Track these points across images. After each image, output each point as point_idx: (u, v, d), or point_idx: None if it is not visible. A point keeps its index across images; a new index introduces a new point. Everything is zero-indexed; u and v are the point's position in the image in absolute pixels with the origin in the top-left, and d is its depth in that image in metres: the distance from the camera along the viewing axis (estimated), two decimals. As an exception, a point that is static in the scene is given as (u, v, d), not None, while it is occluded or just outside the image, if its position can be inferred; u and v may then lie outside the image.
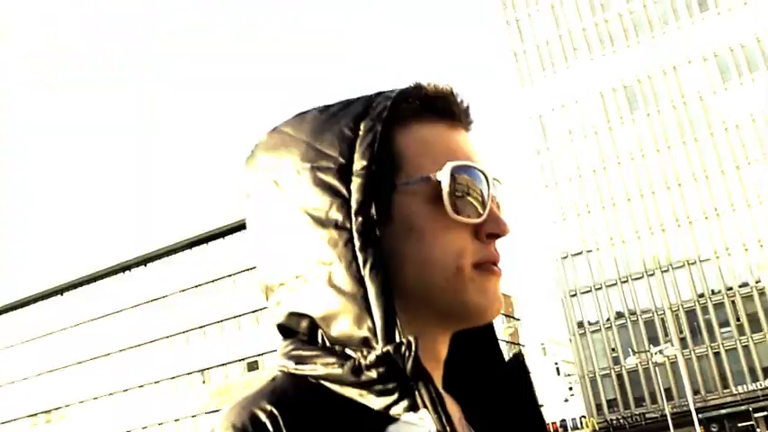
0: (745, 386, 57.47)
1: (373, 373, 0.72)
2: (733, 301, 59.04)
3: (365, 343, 0.74)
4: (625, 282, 62.12)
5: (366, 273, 0.74)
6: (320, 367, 0.75)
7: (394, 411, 0.73)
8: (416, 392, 0.72)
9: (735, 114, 60.82)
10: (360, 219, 0.75)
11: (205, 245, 62.48)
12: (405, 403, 0.72)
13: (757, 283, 58.37)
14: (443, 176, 0.78)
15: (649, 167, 62.44)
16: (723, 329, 59.01)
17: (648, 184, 62.21)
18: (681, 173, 61.46)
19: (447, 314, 0.80)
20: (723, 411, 57.35)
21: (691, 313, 60.11)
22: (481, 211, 0.80)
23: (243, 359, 58.24)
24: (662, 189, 61.72)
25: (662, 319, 59.91)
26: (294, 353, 0.78)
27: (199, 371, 61.09)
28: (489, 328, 0.94)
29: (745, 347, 58.29)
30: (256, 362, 57.23)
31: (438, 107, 0.83)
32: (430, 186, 0.78)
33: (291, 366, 0.77)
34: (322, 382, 0.75)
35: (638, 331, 60.88)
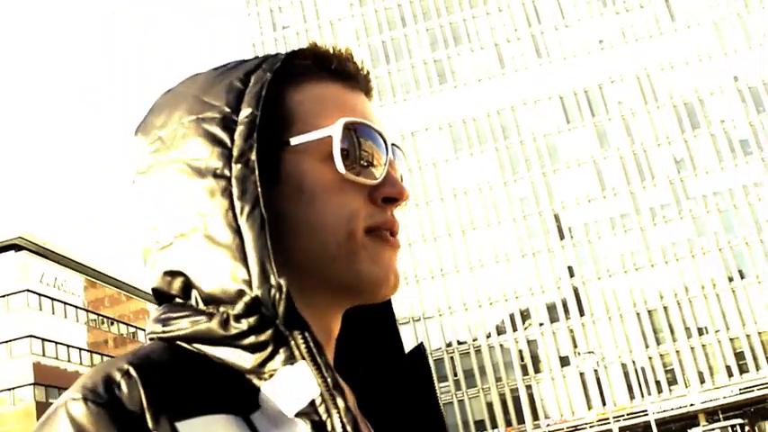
0: (458, 439, 60.86)
1: (243, 325, 0.65)
2: (452, 357, 62.60)
3: (239, 295, 0.66)
4: (353, 336, 63.87)
5: (243, 221, 0.67)
6: (187, 324, 0.68)
7: (269, 367, 0.66)
8: (291, 342, 0.65)
9: (464, 182, 65.29)
10: (239, 166, 0.69)
11: None
12: (281, 356, 0.65)
13: (474, 341, 62.38)
14: (335, 131, 0.73)
15: (384, 227, 65.07)
16: (442, 384, 62.25)
17: (382, 242, 64.70)
18: (412, 234, 64.73)
19: (339, 286, 0.73)
20: (436, 463, 60.23)
21: (413, 368, 62.85)
22: (377, 174, 0.75)
23: None
24: (394, 248, 64.44)
25: (386, 374, 62.14)
26: (163, 316, 0.71)
27: None
28: (387, 310, 0.87)
29: (461, 402, 61.85)
30: None
31: (335, 68, 0.78)
32: (322, 144, 0.73)
33: (159, 330, 0.70)
34: (189, 345, 0.68)
35: (363, 385, 62.62)
